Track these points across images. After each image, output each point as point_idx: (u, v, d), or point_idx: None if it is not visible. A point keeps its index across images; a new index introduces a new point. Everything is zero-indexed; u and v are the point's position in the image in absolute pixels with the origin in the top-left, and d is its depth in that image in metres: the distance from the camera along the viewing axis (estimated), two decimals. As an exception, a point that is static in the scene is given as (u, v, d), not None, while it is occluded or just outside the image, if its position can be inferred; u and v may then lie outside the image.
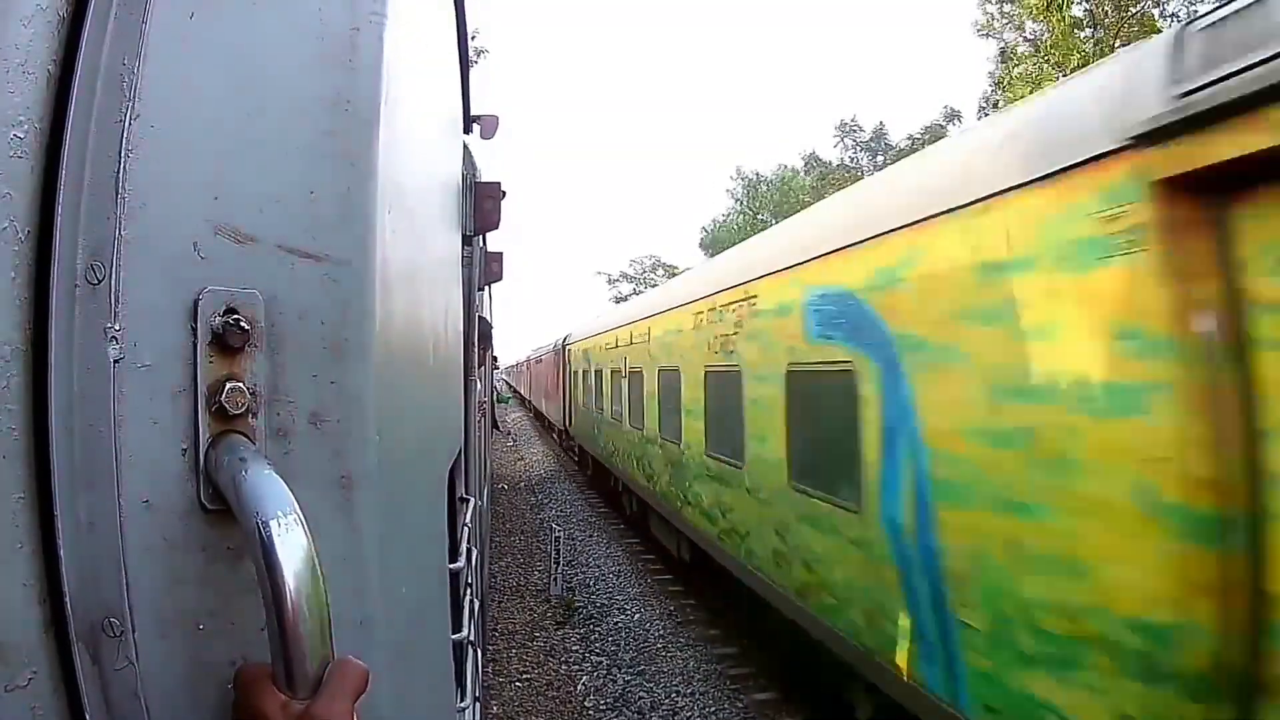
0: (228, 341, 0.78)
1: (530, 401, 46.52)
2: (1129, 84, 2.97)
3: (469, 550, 2.43)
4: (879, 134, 37.51)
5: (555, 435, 30.45)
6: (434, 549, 1.48)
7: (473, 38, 20.70)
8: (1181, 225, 2.71)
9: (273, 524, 0.70)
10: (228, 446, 0.77)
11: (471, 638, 2.45)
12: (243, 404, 0.78)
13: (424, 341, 1.35)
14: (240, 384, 0.79)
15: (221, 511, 0.77)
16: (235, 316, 0.78)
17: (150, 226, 0.78)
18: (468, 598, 2.40)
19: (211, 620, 0.79)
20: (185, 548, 0.78)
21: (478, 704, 2.69)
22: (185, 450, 0.78)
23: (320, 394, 0.83)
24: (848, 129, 38.12)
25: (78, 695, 0.73)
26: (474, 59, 20.53)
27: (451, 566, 1.88)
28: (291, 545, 0.70)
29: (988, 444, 3.71)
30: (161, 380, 0.77)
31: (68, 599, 0.73)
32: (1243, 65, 2.44)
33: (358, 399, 0.85)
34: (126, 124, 0.78)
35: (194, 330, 0.78)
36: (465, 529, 2.36)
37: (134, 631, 0.76)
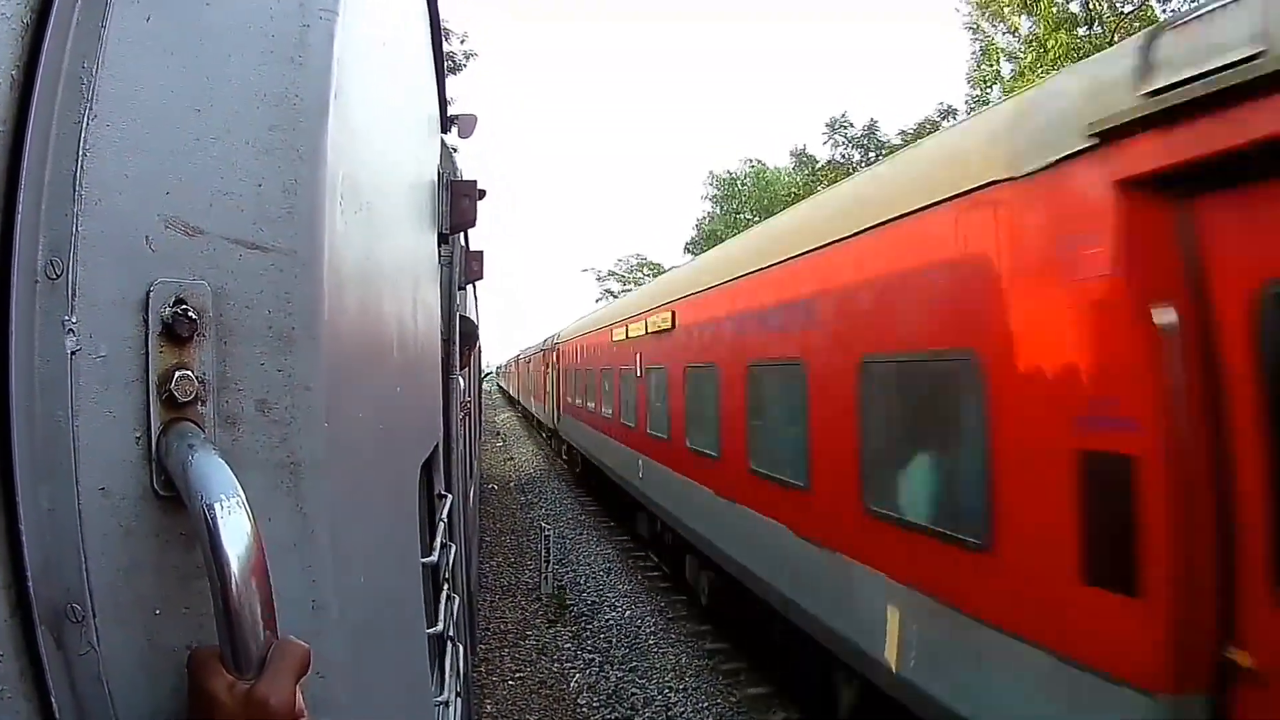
0: (176, 331, 0.80)
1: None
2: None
3: (446, 545, 2.45)
4: (871, 130, 37.35)
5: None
6: (403, 541, 1.49)
7: (462, 41, 20.71)
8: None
9: (216, 507, 0.72)
10: (177, 433, 0.79)
11: (451, 633, 2.46)
12: (191, 392, 0.80)
13: (386, 334, 1.37)
14: (189, 372, 0.80)
15: (173, 498, 0.79)
16: (184, 307, 0.80)
17: (106, 222, 0.80)
18: (445, 592, 2.41)
19: (167, 605, 0.81)
20: (141, 534, 0.80)
21: (460, 699, 2.70)
22: (139, 438, 0.80)
23: (268, 382, 0.85)
24: (838, 125, 37.97)
25: (43, 679, 0.75)
26: (463, 62, 20.57)
27: (426, 560, 1.90)
28: (234, 528, 0.72)
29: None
30: (116, 370, 0.79)
31: (31, 585, 0.74)
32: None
33: (306, 387, 0.87)
34: (85, 124, 0.80)
35: (145, 321, 0.80)
36: (442, 524, 2.37)
37: (95, 617, 0.78)
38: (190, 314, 0.80)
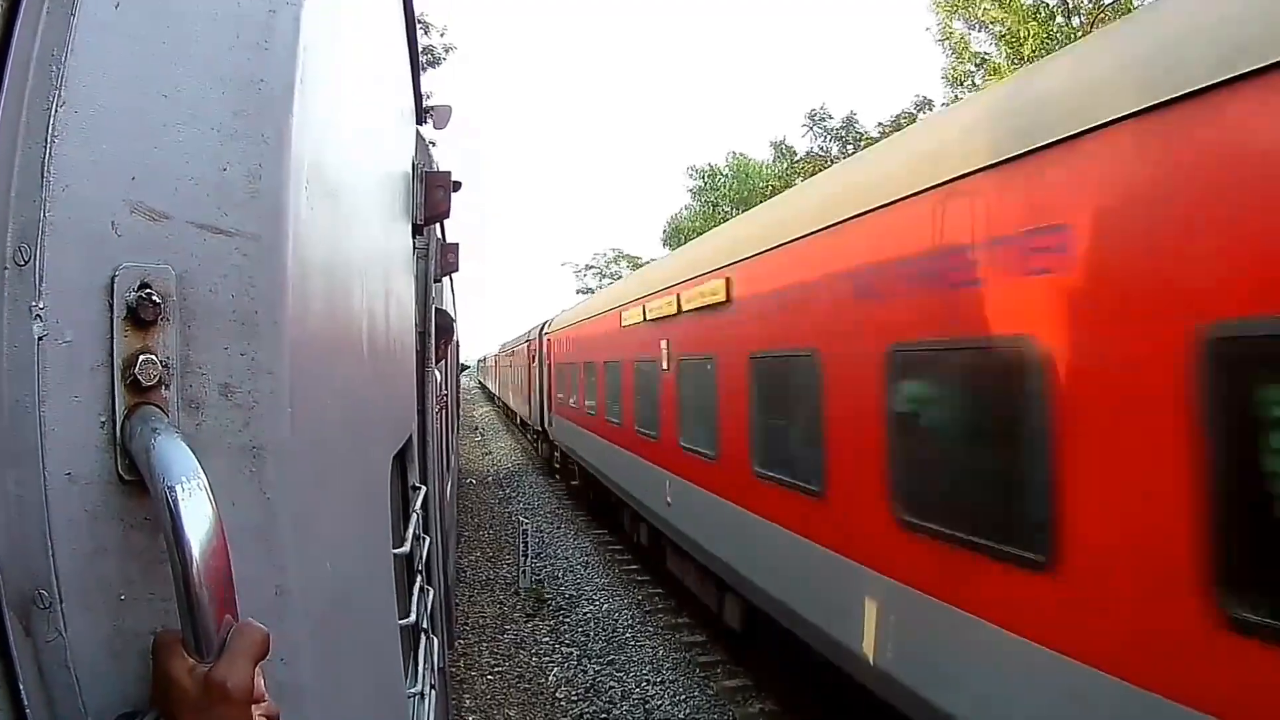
0: (140, 315, 0.80)
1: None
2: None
3: (420, 537, 2.45)
4: (849, 122, 37.39)
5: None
6: (372, 530, 1.49)
7: (442, 34, 20.55)
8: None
9: (178, 490, 0.72)
10: (141, 417, 0.79)
11: (425, 625, 2.46)
12: (155, 376, 0.80)
13: (355, 321, 1.37)
14: (153, 356, 0.81)
15: (138, 482, 0.79)
16: (148, 291, 0.81)
17: (72, 208, 0.80)
18: (418, 584, 2.41)
19: (131, 590, 0.81)
20: (106, 519, 0.80)
21: (435, 692, 2.70)
22: (103, 423, 0.80)
23: (231, 366, 0.86)
24: (817, 118, 37.99)
25: (11, 666, 0.75)
26: (443, 55, 20.39)
27: (397, 551, 1.90)
28: (195, 512, 0.72)
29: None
30: (81, 355, 0.79)
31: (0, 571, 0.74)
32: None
33: (269, 371, 0.87)
34: (53, 111, 0.80)
35: (110, 306, 0.80)
36: (416, 515, 2.37)
37: (61, 603, 0.78)
38: (154, 298, 0.81)
